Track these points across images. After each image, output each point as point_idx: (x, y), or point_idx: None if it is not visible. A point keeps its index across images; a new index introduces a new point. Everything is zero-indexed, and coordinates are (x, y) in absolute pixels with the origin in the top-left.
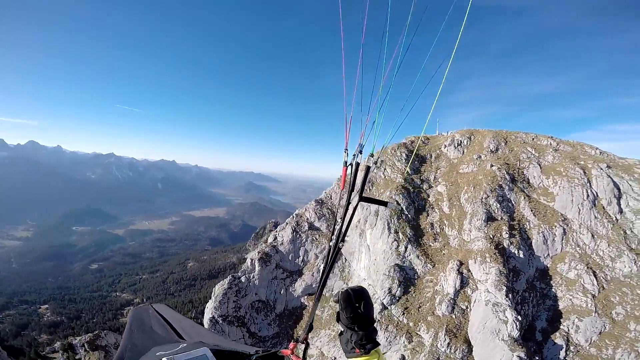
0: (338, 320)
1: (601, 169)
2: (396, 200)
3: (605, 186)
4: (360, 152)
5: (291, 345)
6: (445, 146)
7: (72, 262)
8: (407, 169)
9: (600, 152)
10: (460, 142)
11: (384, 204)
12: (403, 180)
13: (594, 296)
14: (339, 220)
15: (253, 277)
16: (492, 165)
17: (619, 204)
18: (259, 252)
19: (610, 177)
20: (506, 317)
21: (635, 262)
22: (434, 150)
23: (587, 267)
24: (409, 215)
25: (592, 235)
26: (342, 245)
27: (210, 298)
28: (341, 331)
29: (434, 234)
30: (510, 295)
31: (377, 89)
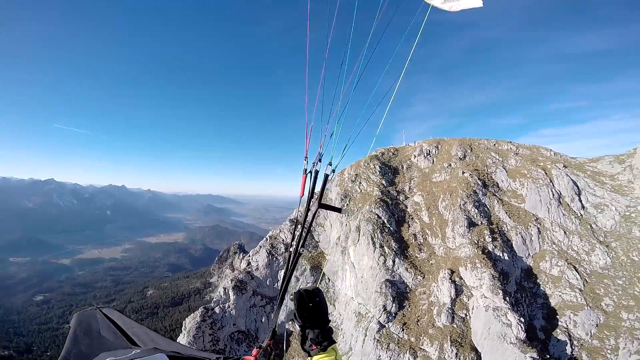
0: (298, 324)
1: (559, 168)
2: (376, 210)
3: (565, 184)
4: (320, 160)
5: (254, 351)
6: (415, 156)
7: (13, 295)
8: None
9: (554, 154)
10: (429, 151)
11: (338, 210)
12: (380, 193)
13: (581, 290)
14: (299, 226)
15: (228, 306)
16: (463, 172)
17: (580, 200)
18: (232, 280)
19: (569, 176)
20: (509, 320)
21: (607, 254)
22: (405, 161)
23: (568, 263)
24: (391, 228)
25: (564, 232)
26: (302, 251)
27: (181, 331)
28: (301, 337)
29: (418, 244)
30: (507, 298)
31: (337, 101)
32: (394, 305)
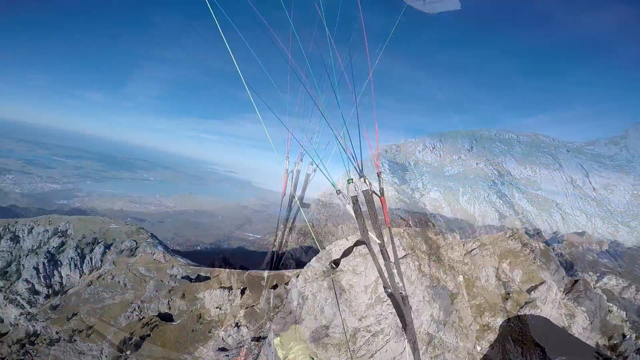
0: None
1: (564, 153)
2: (397, 211)
3: (574, 168)
4: (301, 160)
5: (242, 354)
6: (420, 152)
7: None
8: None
9: (553, 139)
10: (434, 145)
11: (306, 206)
12: (396, 193)
13: (619, 273)
14: (282, 226)
15: (243, 336)
16: (477, 164)
17: (590, 182)
18: (241, 307)
19: (574, 160)
20: (569, 310)
21: (631, 234)
22: (410, 157)
23: (600, 247)
24: (417, 229)
25: (586, 215)
26: (285, 251)
27: None
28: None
29: (448, 243)
30: (562, 288)
31: (319, 105)
32: (441, 312)
